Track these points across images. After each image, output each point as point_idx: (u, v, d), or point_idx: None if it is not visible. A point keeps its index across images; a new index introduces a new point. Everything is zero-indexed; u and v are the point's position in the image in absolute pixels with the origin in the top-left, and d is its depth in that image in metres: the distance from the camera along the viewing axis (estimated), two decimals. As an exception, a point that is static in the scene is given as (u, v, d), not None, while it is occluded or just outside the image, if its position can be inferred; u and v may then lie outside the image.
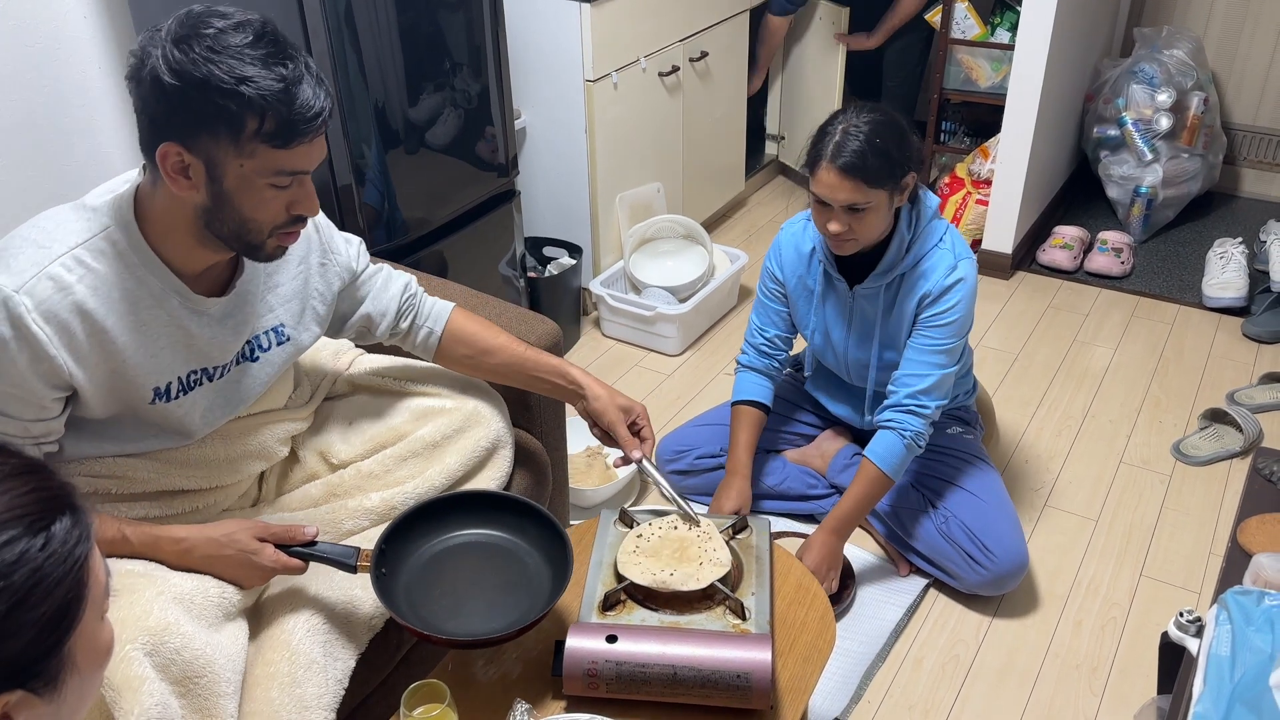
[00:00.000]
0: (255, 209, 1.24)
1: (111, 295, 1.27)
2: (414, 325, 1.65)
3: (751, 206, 3.85)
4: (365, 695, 1.49)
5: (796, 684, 1.43)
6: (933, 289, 1.97)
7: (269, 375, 1.49)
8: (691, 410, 2.67)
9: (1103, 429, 2.65)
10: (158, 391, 1.35)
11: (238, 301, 1.40)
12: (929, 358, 2.00)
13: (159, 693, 1.20)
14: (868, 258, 2.00)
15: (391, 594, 1.36)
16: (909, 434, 1.99)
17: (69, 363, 1.25)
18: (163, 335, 1.33)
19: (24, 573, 0.68)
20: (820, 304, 2.11)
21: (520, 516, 1.48)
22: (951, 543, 2.06)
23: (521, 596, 1.40)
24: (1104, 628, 2.08)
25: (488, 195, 2.55)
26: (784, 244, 2.14)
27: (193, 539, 1.34)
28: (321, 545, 1.38)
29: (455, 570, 1.44)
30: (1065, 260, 3.36)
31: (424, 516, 1.46)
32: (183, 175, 1.20)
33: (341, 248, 1.56)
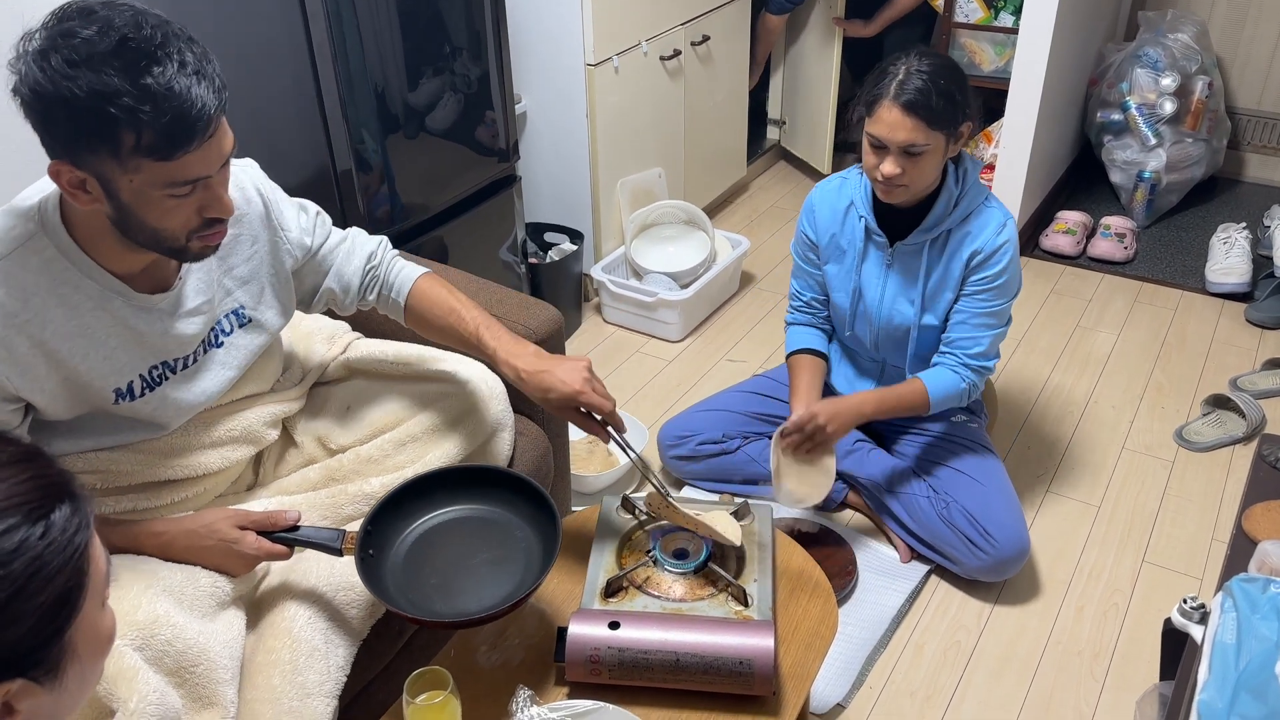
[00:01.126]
0: (161, 219, 1.18)
1: (46, 305, 1.23)
2: (380, 296, 1.59)
3: (753, 192, 3.84)
4: (368, 682, 1.48)
5: (799, 670, 1.43)
6: (984, 247, 1.95)
7: (239, 360, 1.46)
8: (693, 396, 2.66)
9: (1105, 415, 2.65)
10: (119, 392, 1.32)
11: (188, 293, 1.36)
12: (982, 319, 2.00)
13: (154, 682, 1.20)
14: (910, 215, 1.99)
15: (379, 576, 1.35)
16: (967, 382, 2.01)
17: (11, 376, 1.22)
18: (112, 337, 1.29)
19: (23, 561, 0.67)
20: (856, 263, 2.08)
21: (508, 490, 1.46)
22: (952, 528, 2.06)
23: (513, 570, 1.38)
24: (1106, 614, 2.08)
25: (488, 181, 2.54)
26: (817, 202, 2.13)
27: (171, 532, 1.33)
28: (305, 529, 1.37)
29: (444, 548, 1.41)
30: (1068, 245, 3.34)
31: (410, 495, 1.44)
32: (81, 190, 1.14)
33: (293, 224, 1.49)
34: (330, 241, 1.56)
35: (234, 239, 1.41)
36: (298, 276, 1.53)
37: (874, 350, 2.16)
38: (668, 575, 1.48)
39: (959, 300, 2.02)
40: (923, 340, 2.09)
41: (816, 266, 2.16)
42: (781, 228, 3.56)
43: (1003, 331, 2.05)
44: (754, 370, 2.77)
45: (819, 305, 2.21)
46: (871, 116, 1.86)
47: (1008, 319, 2.07)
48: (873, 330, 2.13)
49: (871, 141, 1.88)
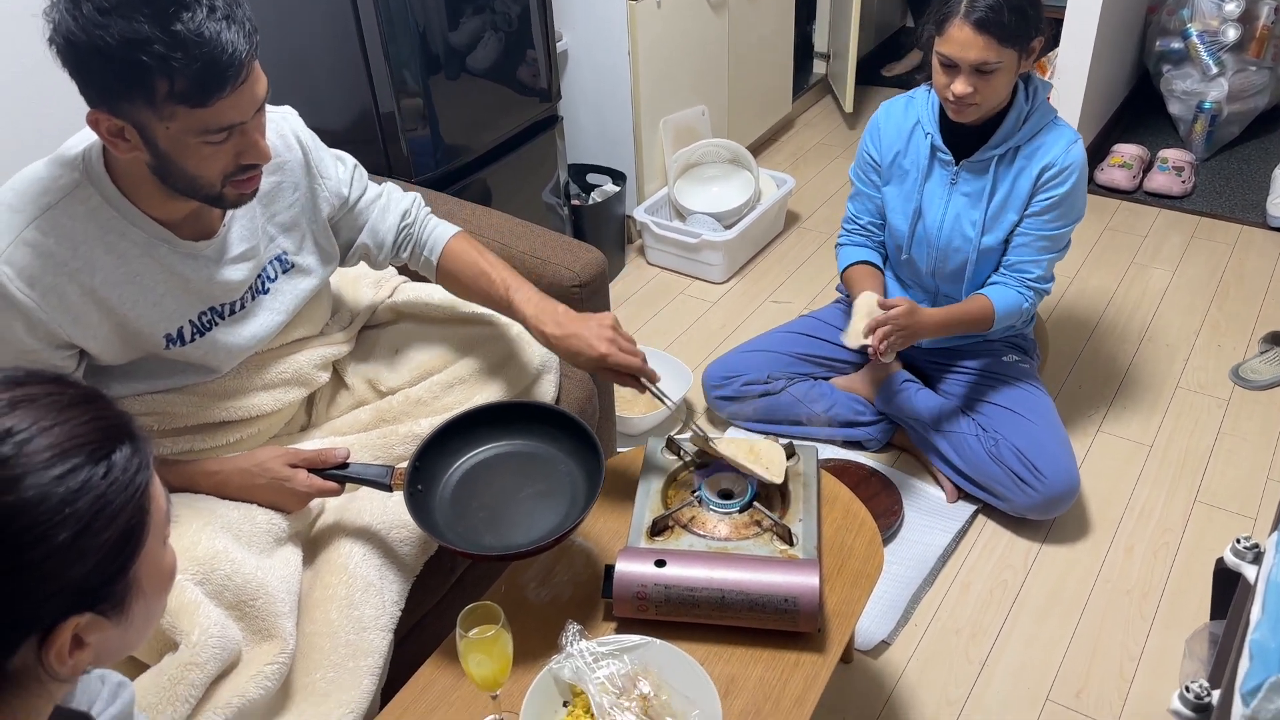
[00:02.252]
0: (198, 166, 1.19)
1: (94, 252, 1.25)
2: (414, 254, 1.60)
3: (799, 128, 3.77)
4: (421, 616, 1.52)
5: (844, 608, 1.43)
6: (1055, 162, 1.93)
7: (286, 305, 1.47)
8: (738, 338, 2.65)
9: (1159, 353, 2.60)
10: (170, 338, 1.34)
11: (233, 240, 1.37)
12: (1044, 242, 1.99)
13: (215, 615, 1.24)
14: (977, 133, 1.96)
15: (428, 510, 1.38)
16: (1028, 302, 2.01)
17: (64, 324, 1.24)
18: (159, 284, 1.31)
19: (88, 500, 0.69)
20: (919, 184, 2.05)
21: (551, 426, 1.47)
22: (1001, 465, 2.05)
23: (559, 504, 1.40)
24: (1156, 553, 2.06)
25: (530, 121, 2.52)
26: (882, 121, 2.10)
27: (225, 471, 1.37)
28: (354, 466, 1.40)
29: (491, 483, 1.44)
30: (1124, 180, 3.25)
31: (456, 432, 1.46)
32: (120, 138, 1.15)
33: (331, 172, 1.50)
34: (367, 196, 1.56)
35: (276, 186, 1.43)
36: (334, 227, 1.54)
37: (929, 277, 2.13)
38: (713, 515, 1.49)
39: (1022, 221, 1.99)
40: (980, 267, 2.06)
41: (876, 188, 2.13)
42: (828, 165, 3.51)
43: (1061, 255, 2.04)
44: (799, 311, 2.75)
45: (875, 229, 2.18)
46: (942, 35, 1.83)
47: (1066, 243, 2.03)
48: (930, 255, 2.09)
49: (942, 60, 1.85)
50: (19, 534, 0.67)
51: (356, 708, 1.28)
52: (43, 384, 0.72)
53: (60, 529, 0.68)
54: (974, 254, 2.04)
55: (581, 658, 1.25)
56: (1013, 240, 2.01)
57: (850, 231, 2.21)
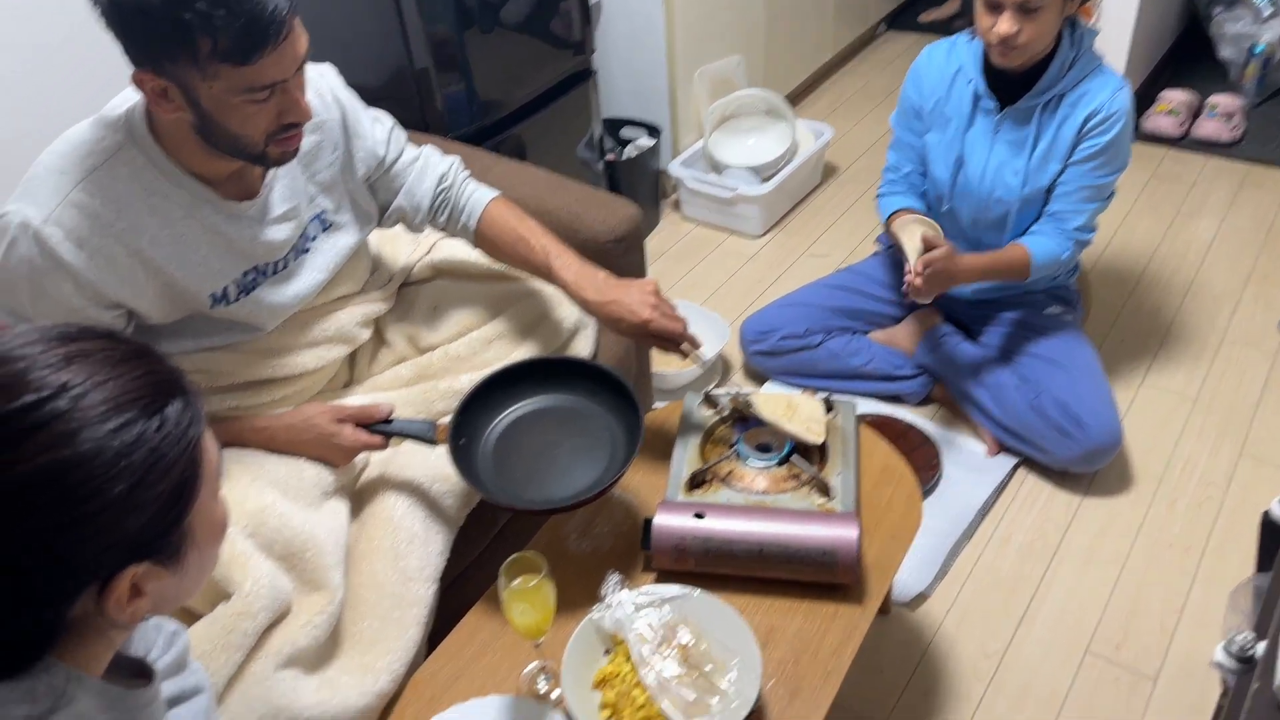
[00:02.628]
0: (241, 125, 1.19)
1: (139, 214, 1.26)
2: (450, 219, 1.60)
3: (837, 77, 3.71)
4: (464, 566, 1.55)
5: (882, 561, 1.44)
6: (1100, 109, 1.89)
7: (327, 263, 1.48)
8: (775, 292, 2.64)
9: (1204, 305, 2.55)
10: (215, 297, 1.36)
11: (275, 200, 1.38)
12: (1088, 191, 1.95)
13: (266, 567, 1.27)
14: (1020, 81, 1.93)
15: (471, 464, 1.40)
16: (1068, 252, 1.98)
17: (112, 284, 1.26)
18: (204, 244, 1.32)
19: (142, 453, 0.71)
20: (961, 131, 2.02)
21: (591, 381, 1.48)
22: (1042, 417, 2.03)
23: (599, 459, 1.41)
24: (1200, 507, 2.04)
25: (564, 75, 2.50)
26: (924, 67, 2.06)
27: (273, 427, 1.40)
28: (398, 421, 1.42)
29: (532, 437, 1.45)
30: (1170, 127, 3.17)
31: (497, 387, 1.47)
32: (163, 98, 1.16)
33: (368, 131, 1.50)
34: (404, 158, 1.56)
35: (316, 145, 1.43)
36: (371, 188, 1.54)
37: (970, 228, 2.10)
38: (751, 469, 1.49)
39: (1065, 170, 1.95)
40: (1022, 217, 2.03)
41: (918, 136, 2.10)
42: (868, 114, 3.45)
43: (1104, 205, 2.00)
44: (837, 264, 2.73)
45: (916, 179, 2.15)
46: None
47: (1110, 193, 2.00)
48: (972, 205, 2.06)
49: (986, 1, 1.81)
50: (76, 487, 0.69)
51: (403, 655, 1.31)
52: (96, 339, 0.74)
53: (116, 482, 0.70)
54: (1016, 204, 2.00)
55: (622, 607, 1.27)
56: (1055, 189, 1.98)
57: (892, 181, 2.18)
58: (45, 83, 1.88)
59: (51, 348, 0.72)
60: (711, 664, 1.24)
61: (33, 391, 0.69)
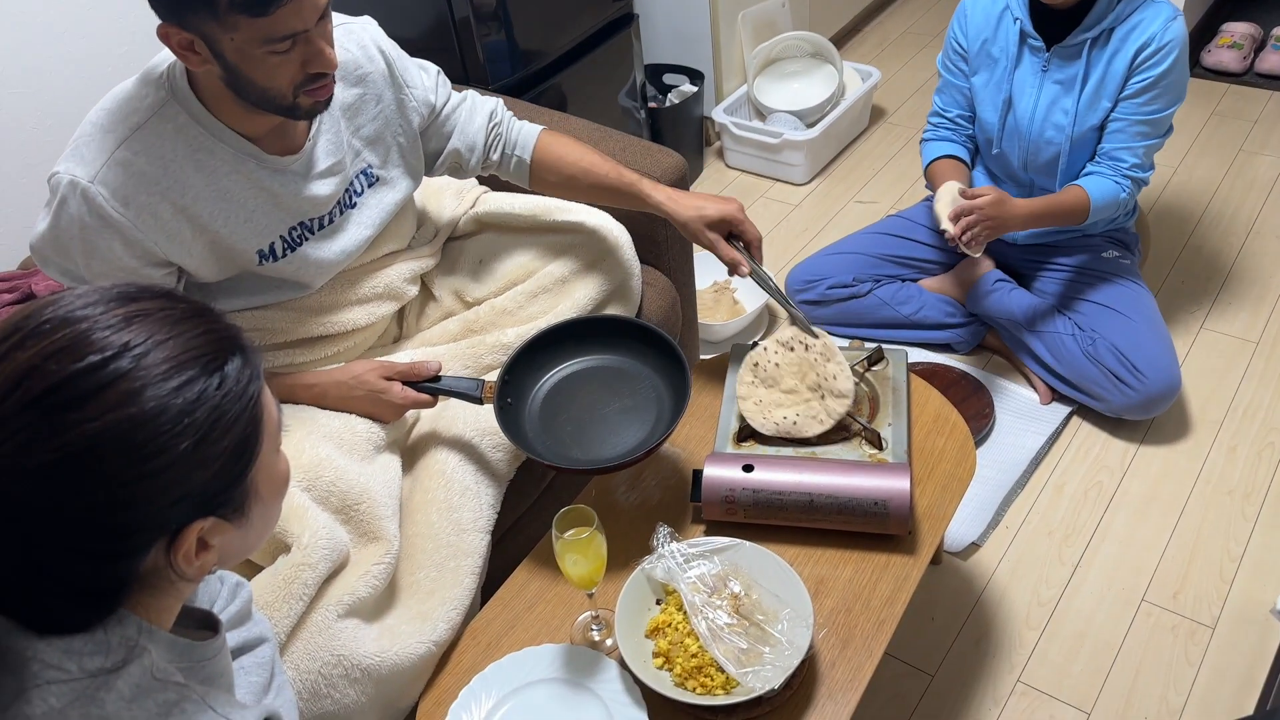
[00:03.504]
0: (267, 77, 1.19)
1: (184, 170, 1.27)
2: (504, 155, 1.59)
3: (885, 17, 3.62)
4: (516, 519, 1.56)
5: (935, 510, 1.43)
6: (1153, 39, 1.82)
7: (374, 219, 1.49)
8: (821, 241, 2.60)
9: (1267, 245, 2.47)
10: (262, 254, 1.37)
11: (319, 154, 1.38)
12: (1141, 128, 1.89)
13: (324, 518, 1.30)
14: (1068, 17, 1.87)
15: (518, 424, 1.40)
16: (1126, 192, 1.92)
17: (159, 242, 1.27)
18: (250, 200, 1.33)
19: (205, 410, 0.72)
20: (1009, 72, 1.97)
21: (637, 341, 1.48)
22: (1098, 364, 1.99)
23: (645, 419, 1.42)
24: (1261, 453, 2.00)
25: (605, 21, 2.46)
26: (970, 6, 2.01)
27: (323, 384, 1.41)
28: (446, 379, 1.43)
29: (578, 396, 1.46)
30: (1233, 61, 3.06)
31: (543, 346, 1.47)
32: (190, 51, 1.17)
33: (417, 80, 1.49)
34: (452, 102, 1.56)
35: (359, 99, 1.43)
36: (423, 137, 1.53)
37: (1022, 170, 2.05)
38: (801, 419, 1.48)
39: (1117, 106, 1.89)
40: (1074, 159, 1.97)
41: (965, 78, 2.05)
42: (916, 55, 3.37)
43: (1160, 142, 1.93)
44: (885, 211, 2.68)
45: (964, 122, 2.10)
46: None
47: (1167, 129, 1.93)
48: (1022, 147, 2.01)
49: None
50: (142, 444, 0.70)
51: (459, 604, 1.33)
52: (156, 299, 0.75)
53: (181, 439, 0.71)
54: (1067, 145, 1.95)
55: (673, 558, 1.27)
56: (1108, 126, 1.92)
57: (936, 126, 2.13)
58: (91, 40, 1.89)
59: (112, 308, 0.72)
60: (762, 614, 1.25)
61: (96, 352, 0.70)
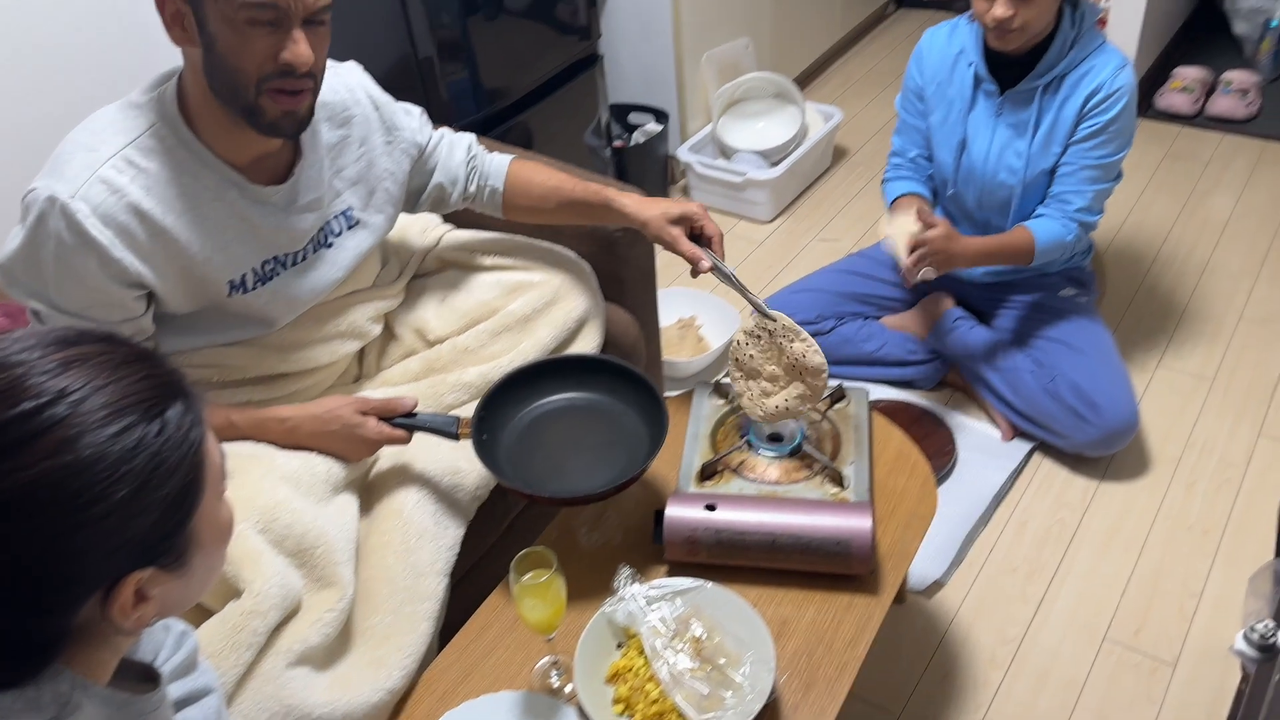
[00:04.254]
0: (239, 55, 1.20)
1: (167, 193, 1.26)
2: (479, 187, 1.63)
3: (846, 59, 3.67)
4: (476, 560, 1.54)
5: (897, 549, 1.42)
6: (1102, 86, 1.86)
7: (346, 260, 1.49)
8: (785, 278, 2.62)
9: (1221, 284, 2.52)
10: (233, 284, 1.36)
11: (301, 188, 1.39)
12: (1091, 172, 1.92)
13: (278, 564, 1.26)
14: (1021, 62, 1.90)
15: (494, 458, 1.39)
16: (1072, 235, 1.95)
17: (135, 263, 1.26)
18: (229, 228, 1.33)
19: (144, 457, 0.70)
20: (963, 114, 2.00)
21: (613, 378, 1.48)
22: (1058, 401, 2.01)
23: (620, 454, 1.41)
24: (1219, 489, 2.02)
25: (570, 61, 2.48)
26: (926, 49, 2.05)
27: (297, 418, 1.38)
28: (422, 415, 1.41)
29: (554, 433, 1.45)
30: (1185, 104, 3.13)
31: (520, 383, 1.47)
32: (179, 26, 1.21)
33: (404, 123, 1.52)
34: (433, 140, 1.59)
35: (342, 140, 1.44)
36: (409, 176, 1.55)
37: (976, 211, 2.08)
38: (763, 459, 1.48)
39: (1068, 150, 1.93)
40: (1027, 199, 2.00)
41: (923, 118, 2.08)
42: (877, 95, 3.42)
43: (1110, 187, 1.97)
44: (848, 249, 2.70)
45: (924, 162, 2.13)
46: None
47: (1116, 174, 1.97)
48: (976, 188, 2.04)
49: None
50: (78, 493, 0.68)
51: (415, 650, 1.30)
52: (95, 343, 0.73)
53: (118, 487, 0.69)
54: (1020, 187, 1.98)
55: (634, 601, 1.25)
56: (1059, 169, 1.95)
57: (897, 166, 2.16)
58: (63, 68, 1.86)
59: (49, 353, 0.71)
60: (725, 657, 1.23)
61: (31, 398, 0.68)
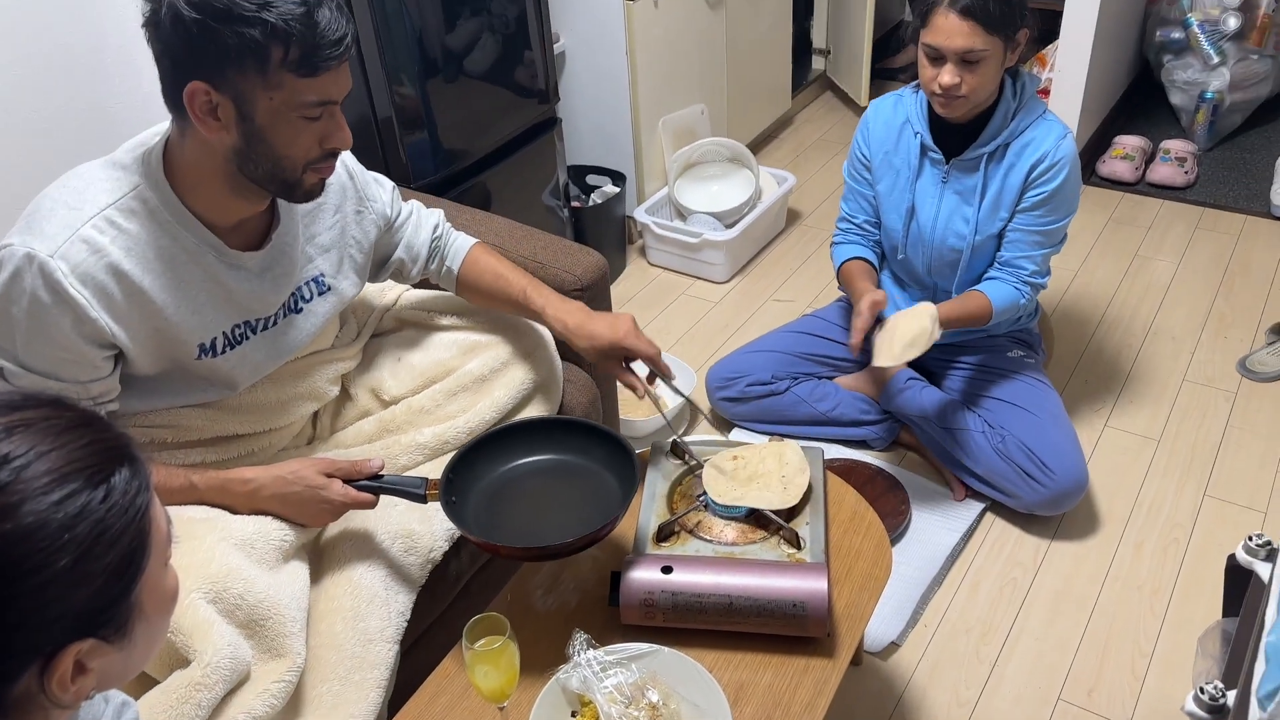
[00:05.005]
0: (289, 144, 1.22)
1: (146, 255, 1.26)
2: (440, 264, 1.64)
3: (799, 125, 3.76)
4: (427, 626, 1.51)
5: (853, 611, 1.42)
6: (1045, 156, 1.92)
7: (314, 325, 1.49)
8: (741, 338, 2.64)
9: (1165, 346, 2.58)
10: (203, 347, 1.35)
11: (276, 254, 1.39)
12: (1037, 238, 1.98)
13: (228, 634, 1.23)
14: (966, 131, 1.96)
15: (463, 519, 1.37)
16: (1025, 297, 2.00)
17: (110, 324, 1.25)
18: (202, 291, 1.32)
19: (87, 525, 0.69)
20: (910, 182, 2.04)
21: (583, 438, 1.47)
22: (1009, 461, 2.03)
23: (591, 510, 1.38)
24: (1166, 549, 2.05)
25: (529, 124, 2.51)
26: (872, 119, 2.10)
27: (260, 479, 1.36)
28: (389, 477, 1.39)
29: (523, 493, 1.44)
30: (1126, 172, 3.24)
31: (489, 445, 1.46)
32: (212, 116, 1.18)
33: (376, 194, 1.54)
34: (402, 214, 1.60)
35: (316, 208, 1.45)
36: (374, 246, 1.56)
37: (926, 275, 2.13)
38: (719, 519, 1.48)
39: (1014, 217, 1.98)
40: (975, 263, 2.05)
41: (870, 186, 2.12)
42: (829, 161, 3.49)
43: (1055, 250, 2.03)
44: (802, 310, 2.74)
45: (870, 228, 2.17)
46: (927, 26, 1.82)
47: (1061, 238, 2.03)
48: (925, 253, 2.09)
49: (928, 53, 1.84)
50: (18, 561, 0.66)
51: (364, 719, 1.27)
52: (40, 408, 0.72)
53: (60, 555, 0.67)
54: (968, 252, 2.03)
55: (589, 667, 1.24)
56: (1006, 236, 2.01)
57: (845, 230, 2.21)
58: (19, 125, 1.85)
59: (-8, 418, 0.69)
60: (681, 723, 1.22)
61: (-28, 464, 0.66)
